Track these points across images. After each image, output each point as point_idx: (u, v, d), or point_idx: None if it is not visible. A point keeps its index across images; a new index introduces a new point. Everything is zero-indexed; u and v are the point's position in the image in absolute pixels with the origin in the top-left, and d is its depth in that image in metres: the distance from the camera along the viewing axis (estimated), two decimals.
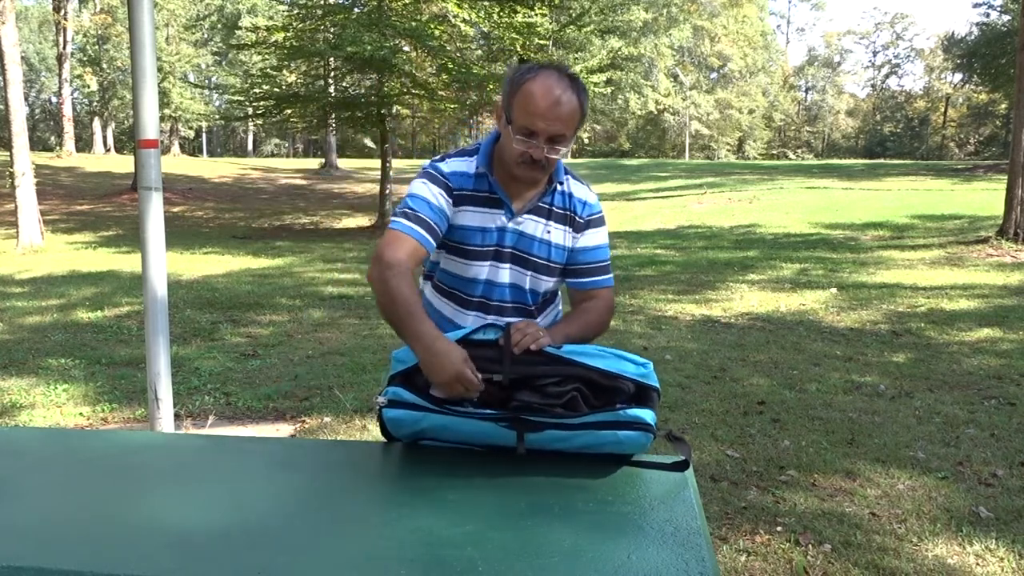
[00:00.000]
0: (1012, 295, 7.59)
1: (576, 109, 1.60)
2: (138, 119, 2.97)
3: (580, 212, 1.77)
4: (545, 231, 1.74)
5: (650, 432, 1.39)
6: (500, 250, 1.74)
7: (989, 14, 37.11)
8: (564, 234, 1.76)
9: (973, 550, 2.70)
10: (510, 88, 1.63)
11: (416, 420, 1.46)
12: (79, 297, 8.35)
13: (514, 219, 1.73)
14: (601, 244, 1.81)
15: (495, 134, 1.73)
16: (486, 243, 1.73)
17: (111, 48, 39.29)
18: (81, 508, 1.22)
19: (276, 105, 18.18)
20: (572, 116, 1.59)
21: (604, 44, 26.05)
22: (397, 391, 1.48)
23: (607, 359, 1.44)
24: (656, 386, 1.46)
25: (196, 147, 54.16)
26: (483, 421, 1.42)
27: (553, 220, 1.75)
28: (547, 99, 1.56)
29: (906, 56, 64.36)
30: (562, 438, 1.40)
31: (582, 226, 1.77)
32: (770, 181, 22.39)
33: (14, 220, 14.13)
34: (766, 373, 5.02)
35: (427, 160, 1.81)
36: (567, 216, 1.76)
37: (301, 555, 1.06)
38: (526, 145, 1.59)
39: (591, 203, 1.79)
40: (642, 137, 54.99)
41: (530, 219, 1.74)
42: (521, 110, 1.59)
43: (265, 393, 4.70)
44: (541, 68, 1.62)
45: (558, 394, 1.40)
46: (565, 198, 1.76)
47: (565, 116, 1.58)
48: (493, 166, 1.72)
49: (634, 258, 11.09)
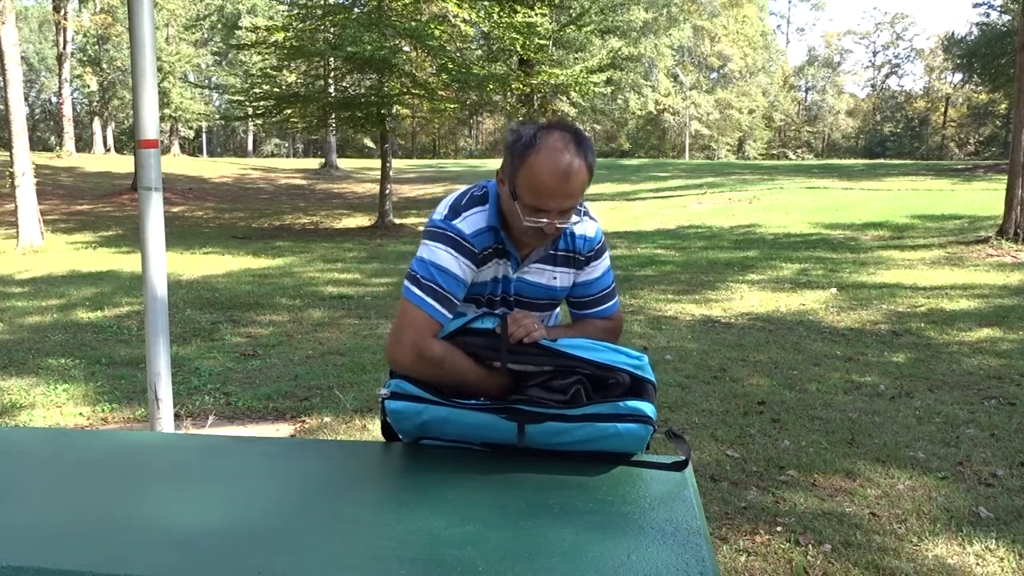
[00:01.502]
0: (1012, 295, 7.59)
1: (586, 176, 1.50)
2: (138, 119, 2.97)
3: (582, 249, 1.70)
4: (551, 278, 1.69)
5: (649, 424, 1.40)
6: (504, 298, 1.69)
7: (989, 14, 37.12)
8: (568, 276, 1.72)
9: (973, 550, 2.70)
10: (512, 160, 1.51)
11: (418, 412, 1.47)
12: (79, 297, 8.35)
13: (520, 269, 1.67)
14: (603, 274, 1.75)
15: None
16: (488, 292, 1.68)
17: (111, 48, 39.30)
18: (81, 508, 1.22)
19: (276, 105, 18.19)
20: (582, 184, 1.50)
21: (604, 44, 26.03)
22: (400, 383, 1.50)
23: (601, 352, 1.46)
24: (652, 379, 1.46)
25: (196, 147, 54.18)
26: (484, 413, 1.43)
27: (558, 265, 1.69)
28: (555, 176, 1.46)
29: (906, 56, 64.43)
30: (562, 431, 1.40)
31: (583, 263, 1.72)
32: (770, 181, 22.39)
33: (14, 220, 14.13)
34: (766, 373, 5.02)
35: (435, 207, 1.66)
36: (570, 258, 1.70)
37: (301, 555, 1.06)
38: (535, 222, 1.50)
39: (591, 237, 1.70)
40: (642, 137, 55.01)
41: (537, 267, 1.68)
42: (528, 189, 1.49)
43: (265, 393, 4.70)
44: (543, 133, 1.49)
45: (563, 388, 1.42)
46: (567, 239, 1.68)
47: (576, 189, 1.49)
48: (500, 218, 1.61)
49: (634, 258, 11.09)
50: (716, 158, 50.16)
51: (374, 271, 10.56)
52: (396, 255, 12.48)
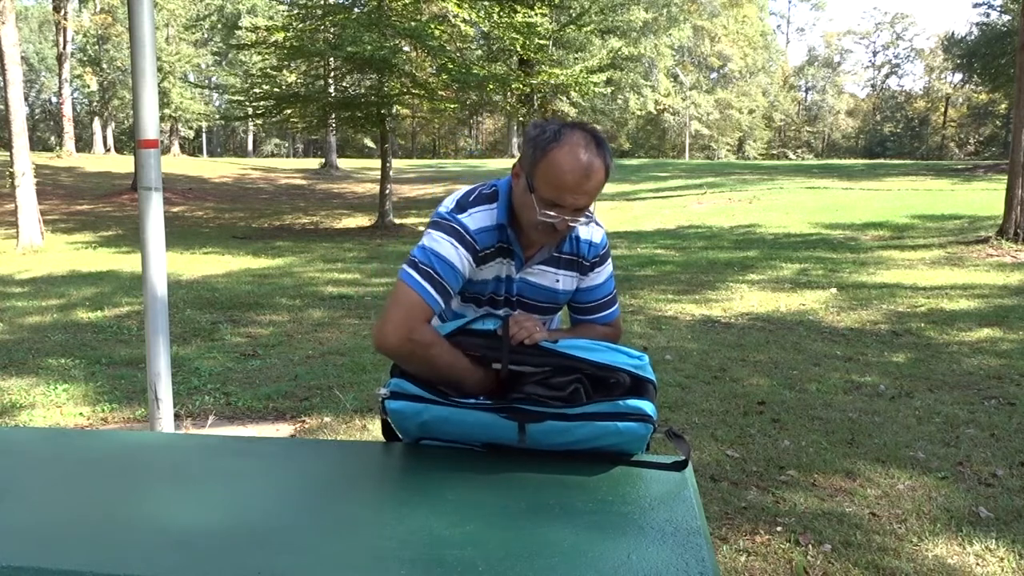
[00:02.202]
0: (1012, 295, 7.59)
1: (603, 177, 1.52)
2: (138, 119, 2.97)
3: (587, 254, 1.71)
4: (554, 280, 1.70)
5: (650, 423, 1.40)
6: (507, 298, 1.69)
7: (989, 14, 37.13)
8: (572, 280, 1.72)
9: (973, 550, 2.70)
10: (534, 153, 1.52)
11: (418, 412, 1.46)
12: (79, 297, 8.35)
13: (524, 269, 1.67)
14: (606, 280, 1.76)
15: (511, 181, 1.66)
16: (490, 291, 1.69)
17: (111, 48, 39.30)
18: (81, 508, 1.22)
19: (276, 105, 18.19)
20: (600, 185, 1.52)
21: (604, 44, 26.05)
22: (400, 383, 1.50)
23: (602, 352, 1.46)
24: (652, 379, 1.46)
25: (196, 147, 54.18)
26: (485, 412, 1.42)
27: (562, 268, 1.70)
28: (576, 172, 1.47)
29: (906, 56, 64.43)
30: (563, 429, 1.40)
31: (588, 268, 1.72)
32: (770, 181, 22.39)
33: (14, 220, 14.13)
34: (766, 373, 5.02)
35: (443, 198, 1.69)
36: (574, 261, 1.71)
37: (301, 555, 1.06)
38: (550, 217, 1.52)
39: (596, 242, 1.71)
40: (642, 137, 55.01)
41: (540, 269, 1.68)
42: (546, 182, 1.50)
43: (265, 393, 4.70)
44: (567, 131, 1.51)
45: (561, 385, 1.42)
46: (572, 243, 1.69)
47: (594, 188, 1.51)
48: (510, 216, 1.62)
49: (634, 258, 11.10)
50: (716, 158, 50.15)
51: (374, 271, 10.56)
52: (396, 255, 12.48)
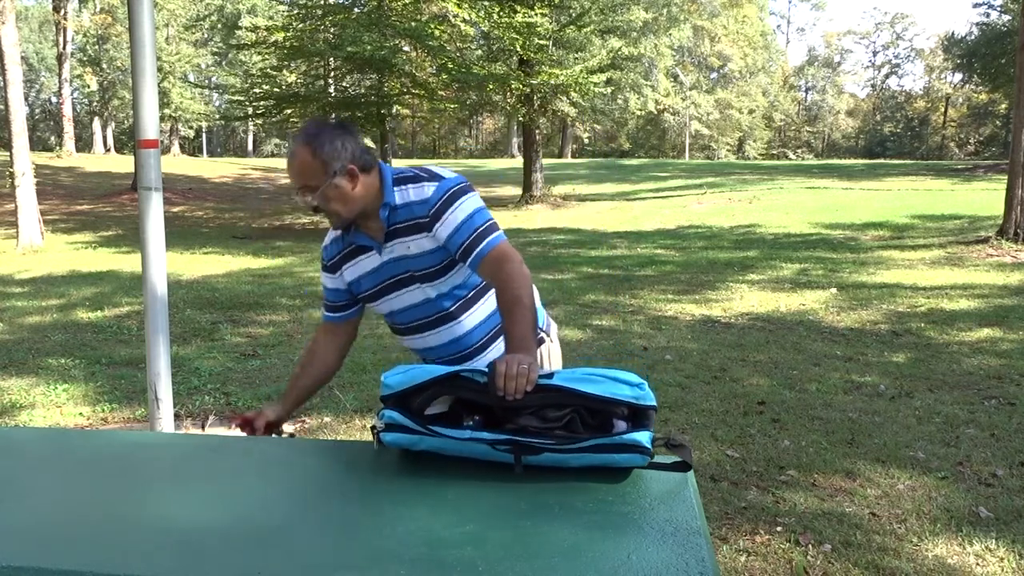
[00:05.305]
0: (1012, 295, 7.59)
1: (306, 160, 1.73)
2: (138, 119, 2.97)
3: (421, 213, 1.80)
4: (406, 248, 1.83)
5: (647, 455, 1.37)
6: (390, 282, 1.88)
7: (989, 14, 37.13)
8: (423, 240, 1.81)
9: (973, 550, 2.70)
10: None
11: (413, 443, 1.43)
12: (79, 297, 8.35)
13: (382, 251, 1.85)
14: (466, 218, 1.79)
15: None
16: (376, 284, 1.88)
17: (111, 48, 39.30)
18: (81, 508, 1.22)
19: (276, 105, 18.19)
20: (302, 168, 1.74)
21: (604, 44, 25.98)
22: (393, 415, 1.43)
23: (601, 383, 1.40)
24: (653, 405, 1.44)
25: (196, 147, 54.16)
26: (480, 444, 1.39)
27: (410, 235, 1.82)
28: (288, 159, 1.78)
29: (906, 56, 64.40)
30: (559, 461, 1.38)
31: (431, 222, 1.79)
32: (770, 181, 22.39)
33: (14, 220, 14.12)
34: (766, 373, 5.02)
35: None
36: (413, 225, 1.81)
37: (300, 555, 1.06)
38: (294, 198, 1.83)
39: (428, 196, 1.80)
40: (642, 137, 54.99)
41: (393, 245, 1.84)
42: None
43: (265, 393, 4.70)
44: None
45: (556, 417, 1.38)
46: (405, 210, 1.81)
47: (298, 171, 1.75)
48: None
49: (634, 258, 11.10)
50: (716, 158, 50.13)
51: None
52: None
